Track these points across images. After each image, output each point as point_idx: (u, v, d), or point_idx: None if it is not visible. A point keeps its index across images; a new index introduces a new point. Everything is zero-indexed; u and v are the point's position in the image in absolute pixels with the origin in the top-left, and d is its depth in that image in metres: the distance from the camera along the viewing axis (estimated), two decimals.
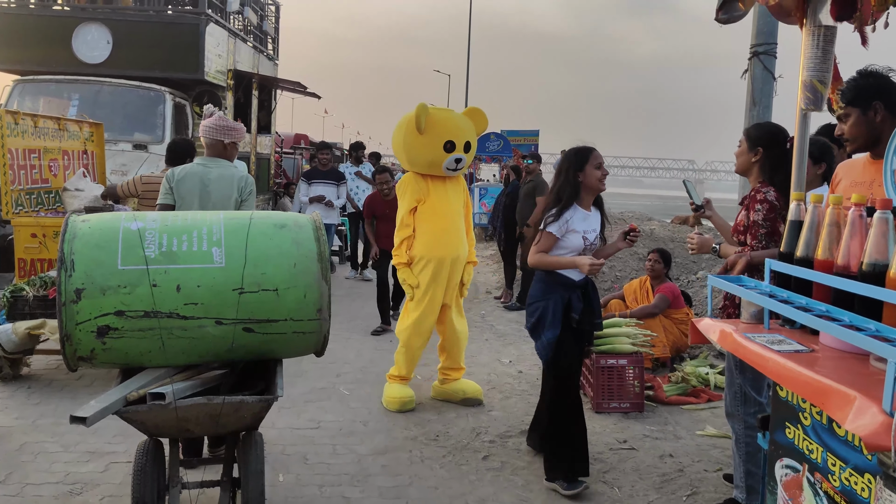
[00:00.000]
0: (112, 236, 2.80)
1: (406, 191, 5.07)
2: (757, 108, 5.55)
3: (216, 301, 2.79)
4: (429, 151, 4.99)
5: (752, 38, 5.57)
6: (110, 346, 2.75)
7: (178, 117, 9.88)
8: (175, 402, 2.71)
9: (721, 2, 2.44)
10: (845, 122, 2.71)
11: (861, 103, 2.65)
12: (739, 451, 3.38)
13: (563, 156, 3.84)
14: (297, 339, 2.98)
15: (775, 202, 3.21)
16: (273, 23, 15.08)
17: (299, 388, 5.30)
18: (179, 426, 2.84)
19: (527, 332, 7.40)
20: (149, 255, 2.77)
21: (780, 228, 3.16)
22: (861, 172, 2.78)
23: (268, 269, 2.86)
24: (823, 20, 2.45)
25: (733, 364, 3.32)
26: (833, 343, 2.16)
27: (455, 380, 5.23)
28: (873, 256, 1.90)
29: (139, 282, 2.73)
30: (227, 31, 11.46)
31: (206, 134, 4.21)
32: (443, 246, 5.03)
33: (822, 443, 2.08)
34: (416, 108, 4.97)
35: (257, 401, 2.85)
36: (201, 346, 2.85)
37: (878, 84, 2.65)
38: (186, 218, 3.00)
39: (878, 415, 1.57)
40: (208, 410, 2.79)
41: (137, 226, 2.85)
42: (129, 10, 10.93)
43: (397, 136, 5.13)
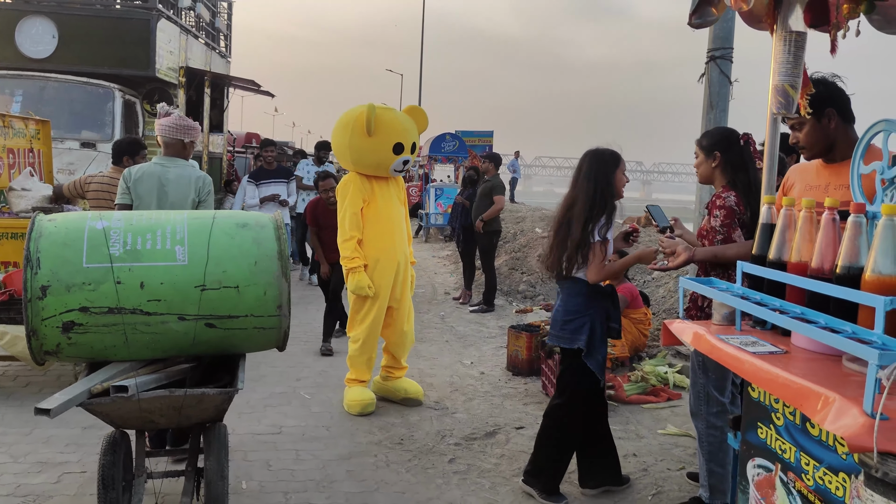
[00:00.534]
0: (78, 235, 2.91)
1: (349, 191, 4.93)
2: (714, 112, 5.64)
3: (179, 298, 2.92)
4: (376, 153, 4.90)
5: (708, 43, 5.67)
6: (75, 341, 2.86)
7: (127, 115, 9.61)
8: (138, 394, 2.81)
9: (694, 7, 2.47)
10: (800, 131, 2.76)
11: (815, 111, 2.70)
12: (703, 450, 3.42)
13: (592, 158, 3.57)
14: (259, 335, 3.11)
15: (734, 207, 3.23)
16: (226, 20, 14.83)
17: (259, 392, 5.20)
18: (143, 418, 2.94)
19: (488, 333, 7.49)
20: (113, 253, 2.90)
21: (735, 235, 3.20)
22: (814, 177, 2.84)
23: (229, 266, 3.00)
24: (794, 26, 2.50)
25: (697, 364, 3.36)
26: (805, 344, 2.19)
27: (397, 378, 5.21)
28: (848, 259, 1.93)
29: (104, 279, 2.85)
30: (178, 27, 11.21)
31: (166, 133, 4.15)
32: (393, 247, 4.99)
33: (795, 442, 2.11)
34: (366, 109, 4.82)
35: (218, 393, 2.95)
36: (164, 341, 2.98)
37: (829, 91, 2.71)
38: (150, 217, 3.13)
39: (859, 416, 1.60)
40: (171, 402, 2.89)
41: (103, 225, 2.97)
42: (76, 4, 10.60)
43: (341, 136, 4.96)
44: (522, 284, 10.24)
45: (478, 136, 19.58)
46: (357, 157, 4.93)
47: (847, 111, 2.67)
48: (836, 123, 2.70)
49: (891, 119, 2.18)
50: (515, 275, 10.70)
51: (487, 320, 8.27)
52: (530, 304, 9.15)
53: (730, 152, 3.36)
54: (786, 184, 3.00)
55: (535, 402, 5.23)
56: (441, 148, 17.63)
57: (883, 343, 1.69)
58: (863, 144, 2.30)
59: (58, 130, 8.15)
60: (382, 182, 5.06)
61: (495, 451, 4.31)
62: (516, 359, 6.00)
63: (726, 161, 3.36)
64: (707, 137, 3.48)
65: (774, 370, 1.97)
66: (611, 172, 3.53)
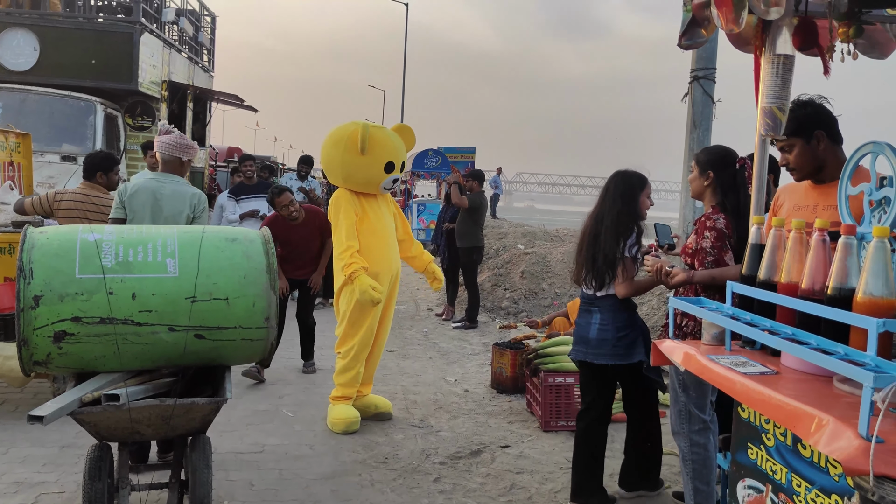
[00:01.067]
0: (70, 246, 2.97)
1: (341, 205, 4.91)
2: (698, 131, 5.69)
3: (169, 309, 2.98)
4: (368, 171, 4.93)
5: (692, 63, 5.73)
6: (66, 351, 2.90)
7: (109, 128, 9.53)
8: (129, 402, 2.85)
9: (684, 29, 2.49)
10: (789, 153, 2.77)
11: (804, 133, 2.71)
12: (686, 468, 3.42)
13: (620, 179, 3.69)
14: (246, 346, 3.17)
15: (724, 230, 3.24)
16: (209, 34, 14.79)
17: (240, 410, 5.13)
18: (132, 428, 2.96)
19: (471, 350, 7.46)
20: (105, 264, 2.96)
21: (727, 257, 3.21)
22: (803, 197, 2.86)
23: (219, 279, 3.07)
24: (781, 49, 2.53)
25: (677, 383, 3.36)
26: (795, 364, 2.20)
27: (365, 395, 5.19)
28: (839, 281, 1.94)
29: (96, 289, 2.91)
30: (162, 41, 11.16)
31: (165, 150, 4.21)
32: (386, 261, 4.98)
33: (786, 463, 2.11)
34: (360, 128, 4.85)
35: (207, 402, 3.01)
36: (155, 352, 3.03)
37: (817, 113, 2.73)
38: (142, 231, 3.23)
39: (854, 439, 1.60)
40: (160, 412, 2.94)
41: (95, 237, 3.04)
42: (58, 17, 10.53)
43: (332, 153, 4.97)
44: (505, 301, 10.24)
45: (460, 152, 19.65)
46: (348, 173, 4.94)
47: (835, 132, 2.68)
48: (825, 145, 2.72)
49: (878, 141, 2.20)
50: (498, 291, 10.70)
51: (471, 337, 8.25)
52: (514, 321, 9.14)
53: (723, 173, 3.36)
54: (775, 204, 3.02)
55: (519, 420, 5.20)
56: (424, 164, 17.67)
57: (877, 365, 1.69)
58: (850, 166, 2.32)
59: (38, 143, 8.05)
60: (371, 198, 5.06)
61: (481, 470, 4.28)
62: (500, 376, 5.98)
63: (718, 181, 3.36)
64: (705, 154, 3.49)
65: (767, 391, 1.97)
66: (636, 195, 3.67)
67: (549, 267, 10.76)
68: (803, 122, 2.71)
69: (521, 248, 12.82)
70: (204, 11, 14.70)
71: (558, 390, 5.02)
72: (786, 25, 2.53)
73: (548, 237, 14.61)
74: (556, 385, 5.02)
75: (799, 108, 2.74)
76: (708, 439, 3.27)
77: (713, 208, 3.34)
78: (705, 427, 3.29)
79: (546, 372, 5.09)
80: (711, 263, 3.21)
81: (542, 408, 5.04)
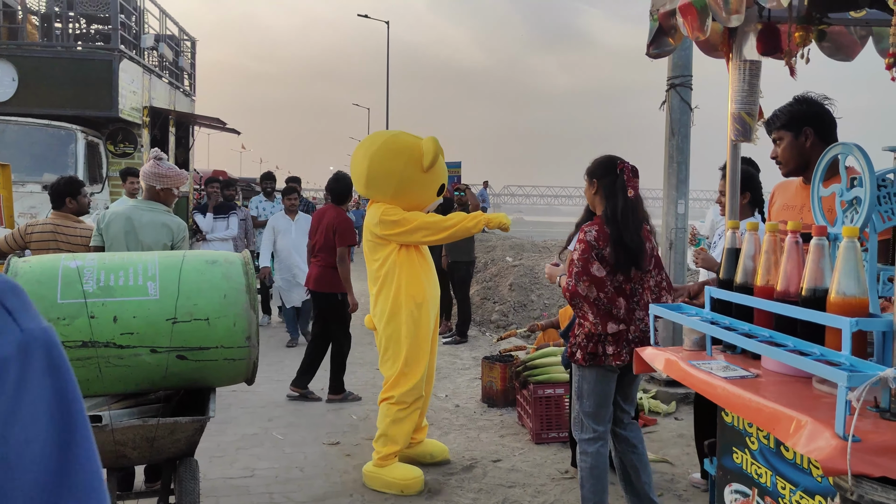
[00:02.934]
0: (52, 273, 3.00)
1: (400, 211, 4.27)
2: (676, 138, 5.73)
3: (151, 330, 3.00)
4: (425, 191, 4.38)
5: (668, 71, 5.78)
6: None
7: (90, 156, 9.50)
8: (112, 424, 2.87)
9: (651, 38, 2.52)
10: (779, 146, 2.80)
11: (793, 128, 2.74)
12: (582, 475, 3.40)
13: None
14: (228, 366, 3.17)
15: (593, 242, 3.23)
16: (189, 58, 14.81)
17: (229, 435, 5.09)
18: (117, 451, 2.96)
19: (462, 364, 7.46)
20: (87, 289, 2.99)
21: (593, 268, 3.20)
22: (793, 196, 2.88)
23: (199, 300, 3.09)
24: (748, 55, 2.55)
25: (574, 391, 3.39)
26: (775, 367, 2.20)
27: (420, 441, 4.64)
28: (813, 282, 1.95)
29: (78, 314, 2.93)
30: (141, 67, 11.17)
31: (143, 179, 4.23)
32: (434, 289, 4.47)
33: (770, 466, 2.11)
34: (432, 141, 4.31)
35: (191, 421, 3.02)
36: (137, 374, 3.05)
37: (811, 111, 2.74)
38: (123, 256, 3.28)
39: (831, 439, 1.60)
40: (144, 433, 2.95)
41: (76, 264, 3.07)
42: (36, 47, 10.52)
43: (391, 164, 4.26)
44: (495, 314, 10.23)
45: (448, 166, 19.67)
46: (403, 188, 4.29)
47: (827, 132, 2.69)
48: (813, 143, 2.73)
49: (846, 142, 2.22)
50: (487, 304, 10.70)
51: (461, 351, 8.24)
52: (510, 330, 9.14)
53: (605, 179, 3.34)
54: (771, 199, 3.05)
55: (511, 434, 5.19)
56: None
57: (851, 364, 1.70)
58: (821, 167, 2.34)
59: (18, 174, 8.02)
60: None
61: (472, 485, 4.26)
62: (491, 390, 5.97)
63: (602, 189, 3.35)
64: (591, 164, 3.46)
65: (746, 395, 1.97)
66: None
67: (537, 279, 10.76)
68: (795, 116, 2.73)
69: (510, 261, 12.83)
70: (183, 36, 14.73)
71: (548, 402, 5.01)
72: (751, 31, 2.56)
73: (536, 249, 14.62)
74: (546, 397, 5.01)
75: (796, 103, 2.77)
76: (597, 450, 3.30)
77: (595, 218, 3.36)
78: (597, 437, 3.32)
79: (535, 384, 5.09)
80: (577, 275, 3.22)
81: (533, 420, 5.03)
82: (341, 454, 4.80)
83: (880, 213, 2.05)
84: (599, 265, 3.21)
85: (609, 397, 3.32)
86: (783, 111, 2.73)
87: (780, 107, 2.75)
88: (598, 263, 3.22)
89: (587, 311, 3.20)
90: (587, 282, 3.19)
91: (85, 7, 11.20)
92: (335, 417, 5.62)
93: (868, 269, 1.99)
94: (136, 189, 7.34)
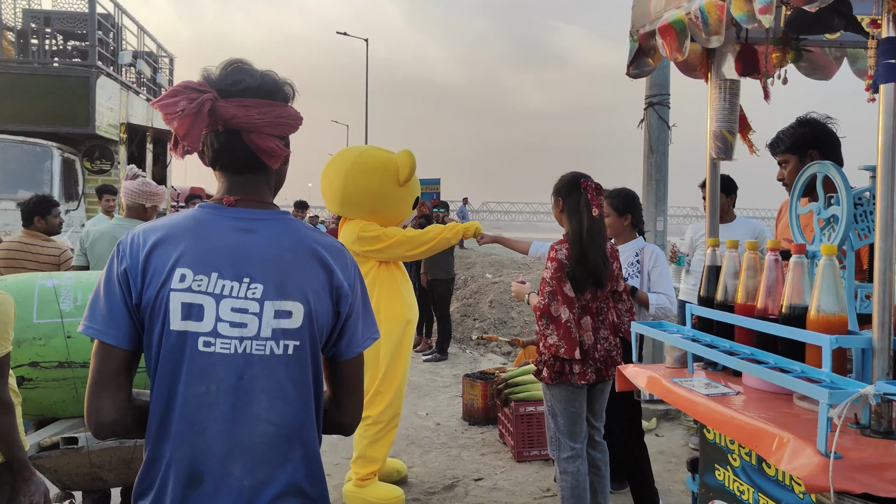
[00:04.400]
0: (28, 293, 2.96)
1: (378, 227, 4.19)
2: (655, 156, 5.80)
3: None
4: (401, 206, 4.28)
5: (646, 90, 5.85)
6: (25, 397, 2.82)
7: (66, 173, 9.41)
8: (88, 445, 2.82)
9: (631, 58, 2.55)
10: (785, 169, 2.83)
11: (797, 151, 2.77)
12: (559, 494, 3.41)
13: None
14: None
15: (564, 261, 3.25)
16: (167, 75, 14.75)
17: None
18: (93, 473, 2.91)
19: (442, 382, 7.43)
20: (64, 308, 2.95)
21: (565, 287, 3.21)
22: None
23: None
24: (727, 74, 2.59)
25: (547, 410, 3.39)
26: (756, 384, 2.22)
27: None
28: (792, 299, 1.97)
29: (54, 334, 2.91)
30: (119, 83, 11.10)
31: (129, 196, 4.19)
32: (414, 306, 4.40)
33: (752, 483, 2.12)
34: (407, 155, 4.19)
35: None
36: None
37: (814, 133, 2.77)
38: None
39: (814, 456, 1.61)
40: (121, 454, 2.89)
41: (53, 283, 3.04)
42: (12, 63, 10.42)
43: (365, 181, 4.13)
44: (475, 331, 10.22)
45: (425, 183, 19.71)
46: (381, 206, 4.18)
47: (831, 153, 2.71)
48: None
49: (823, 161, 2.26)
50: (468, 321, 10.68)
51: (441, 369, 8.21)
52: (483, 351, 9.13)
53: (569, 198, 3.35)
54: (778, 217, 3.12)
55: (492, 452, 5.17)
56: None
57: (832, 381, 1.72)
58: (799, 185, 2.38)
59: None
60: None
61: None
62: (472, 408, 5.94)
63: (567, 206, 3.36)
64: (557, 181, 3.47)
65: (728, 412, 1.98)
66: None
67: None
68: (799, 139, 2.76)
69: (490, 278, 12.85)
70: (162, 53, 14.68)
71: (530, 419, 5.00)
72: (729, 52, 2.60)
73: (515, 265, 14.66)
74: (528, 414, 5.00)
75: (799, 126, 2.79)
76: (577, 468, 3.30)
77: (563, 236, 3.37)
78: (575, 455, 3.31)
79: (517, 402, 5.07)
80: (549, 294, 3.22)
81: (515, 438, 5.02)
82: None
83: (857, 230, 2.09)
84: (570, 284, 3.22)
85: (581, 414, 3.32)
86: (787, 134, 2.76)
87: (784, 129, 2.78)
88: (569, 283, 3.22)
89: (554, 330, 3.19)
90: (560, 301, 3.19)
91: (62, 24, 11.14)
92: None
93: (846, 286, 2.01)
94: (112, 206, 7.28)
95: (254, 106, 1.45)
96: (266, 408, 1.41)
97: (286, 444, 1.43)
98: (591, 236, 3.22)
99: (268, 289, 1.42)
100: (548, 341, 3.20)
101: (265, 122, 1.46)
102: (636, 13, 2.56)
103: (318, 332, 1.47)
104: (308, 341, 1.45)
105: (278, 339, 1.41)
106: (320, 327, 1.47)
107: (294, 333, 1.43)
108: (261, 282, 1.42)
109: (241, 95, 1.45)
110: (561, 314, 3.17)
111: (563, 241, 3.33)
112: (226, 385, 1.39)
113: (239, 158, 1.49)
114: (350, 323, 1.53)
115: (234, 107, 1.44)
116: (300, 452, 1.44)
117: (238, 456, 1.39)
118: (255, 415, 1.40)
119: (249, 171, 1.51)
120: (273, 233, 1.47)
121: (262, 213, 1.49)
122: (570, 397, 3.28)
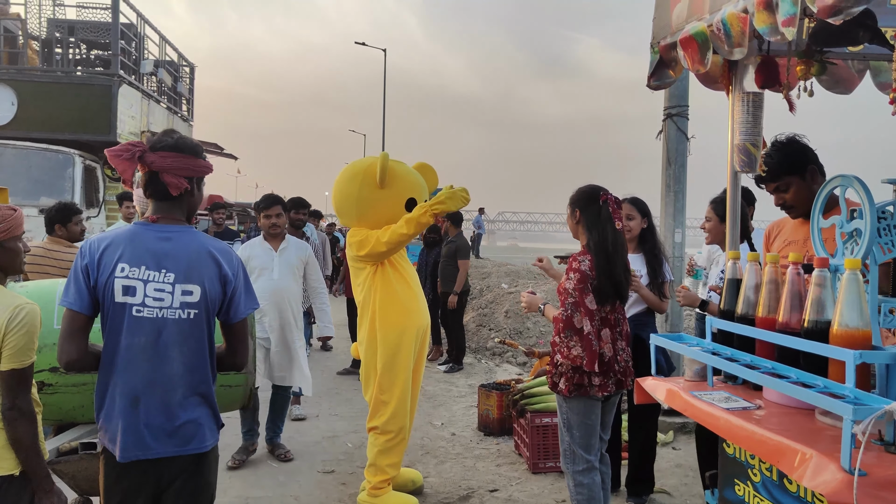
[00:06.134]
0: (49, 298, 2.99)
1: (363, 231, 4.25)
2: (673, 167, 5.77)
3: None
4: (388, 208, 4.25)
5: (665, 101, 5.84)
6: (45, 402, 2.85)
7: (88, 180, 9.52)
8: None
9: (652, 70, 2.55)
10: (785, 192, 2.78)
11: (798, 171, 2.74)
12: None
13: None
14: (225, 393, 3.17)
15: (587, 272, 3.22)
16: (188, 84, 14.89)
17: (223, 462, 5.03)
18: None
19: (458, 392, 7.41)
20: None
21: (587, 300, 3.18)
22: (793, 231, 2.88)
23: None
24: (748, 87, 2.58)
25: (562, 423, 3.36)
26: (777, 398, 2.20)
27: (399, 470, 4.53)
28: (815, 314, 1.95)
29: None
30: (140, 92, 11.23)
31: (142, 205, 4.18)
32: (416, 314, 4.34)
33: (773, 499, 2.10)
34: (380, 158, 4.21)
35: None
36: None
37: (804, 150, 2.75)
38: None
39: (837, 472, 1.59)
40: None
41: None
42: (36, 71, 10.57)
43: (348, 188, 4.28)
44: (491, 341, 10.20)
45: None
46: (364, 210, 4.27)
47: (821, 167, 2.70)
48: (818, 180, 2.74)
49: (846, 174, 2.24)
50: (483, 331, 10.67)
51: (457, 379, 8.19)
52: (500, 360, 9.10)
53: (587, 210, 3.32)
54: (768, 238, 3.05)
55: (507, 463, 5.14)
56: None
57: (856, 397, 1.70)
58: (821, 199, 2.36)
59: (16, 197, 8.00)
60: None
61: None
62: (487, 418, 5.93)
63: (585, 219, 3.33)
64: (574, 193, 3.44)
65: (749, 426, 1.96)
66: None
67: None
68: (795, 159, 2.73)
69: (505, 287, 12.83)
70: (182, 62, 14.83)
71: (546, 430, 4.97)
72: (751, 64, 2.59)
73: (531, 276, 14.63)
74: (544, 425, 4.97)
75: (786, 146, 2.76)
76: (592, 480, 3.28)
77: (583, 248, 3.34)
78: (590, 468, 3.30)
79: (533, 412, 5.05)
80: (572, 305, 3.20)
81: (530, 449, 4.99)
82: (336, 483, 4.75)
83: (881, 244, 2.06)
84: (592, 296, 3.20)
85: (597, 426, 3.31)
86: (777, 161, 2.71)
87: (770, 156, 2.73)
88: (591, 294, 3.21)
89: (576, 343, 3.16)
90: (583, 313, 3.17)
91: (86, 33, 11.29)
92: (330, 445, 5.57)
93: (869, 300, 1.99)
94: (132, 214, 7.35)
95: (168, 157, 2.24)
96: (178, 352, 2.20)
97: (190, 375, 2.22)
98: (616, 249, 3.22)
99: (178, 276, 2.20)
100: (571, 353, 3.16)
101: (173, 167, 2.24)
102: (657, 25, 2.56)
103: (211, 305, 2.26)
104: (203, 310, 2.24)
105: (184, 308, 2.21)
106: (212, 301, 2.25)
107: (194, 305, 2.22)
108: (173, 272, 2.20)
109: (161, 150, 2.25)
110: (583, 327, 3.15)
111: (584, 252, 3.31)
112: (151, 338, 2.18)
113: (158, 190, 2.27)
114: (235, 299, 2.31)
115: (155, 156, 2.24)
116: (199, 378, 2.24)
117: (161, 384, 2.18)
118: (171, 357, 2.19)
119: (167, 199, 2.29)
120: (183, 240, 2.25)
121: (176, 227, 2.28)
122: (588, 410, 3.27)
